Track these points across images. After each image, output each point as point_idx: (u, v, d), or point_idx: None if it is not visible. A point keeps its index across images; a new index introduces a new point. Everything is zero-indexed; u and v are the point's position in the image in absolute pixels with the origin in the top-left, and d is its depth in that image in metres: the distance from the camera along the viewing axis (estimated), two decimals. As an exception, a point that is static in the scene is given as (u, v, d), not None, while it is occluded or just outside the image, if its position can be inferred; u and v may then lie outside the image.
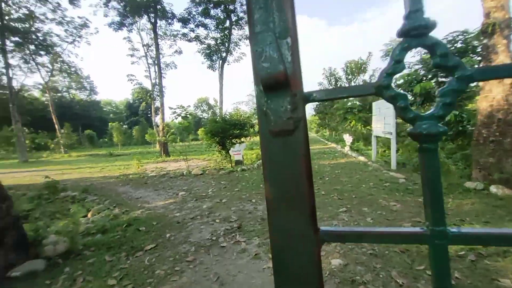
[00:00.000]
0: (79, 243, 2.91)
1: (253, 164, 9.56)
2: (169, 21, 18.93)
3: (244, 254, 2.64)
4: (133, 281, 2.20)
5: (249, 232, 3.09)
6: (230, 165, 9.79)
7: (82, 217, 4.75)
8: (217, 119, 11.15)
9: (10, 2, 20.66)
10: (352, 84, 21.68)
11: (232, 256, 2.62)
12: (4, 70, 20.88)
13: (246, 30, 20.95)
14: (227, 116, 11.13)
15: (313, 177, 0.40)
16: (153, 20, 17.21)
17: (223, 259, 2.56)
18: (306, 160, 0.40)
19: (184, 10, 19.12)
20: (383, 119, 7.41)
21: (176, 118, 9.24)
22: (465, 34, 10.63)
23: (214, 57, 20.55)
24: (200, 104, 60.12)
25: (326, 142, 21.44)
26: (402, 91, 0.36)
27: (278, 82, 0.38)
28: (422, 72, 11.25)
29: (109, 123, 34.11)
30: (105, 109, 59.50)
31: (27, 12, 21.89)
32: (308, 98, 0.40)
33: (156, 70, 18.07)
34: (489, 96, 4.13)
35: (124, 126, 50.69)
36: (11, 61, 24.05)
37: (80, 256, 2.69)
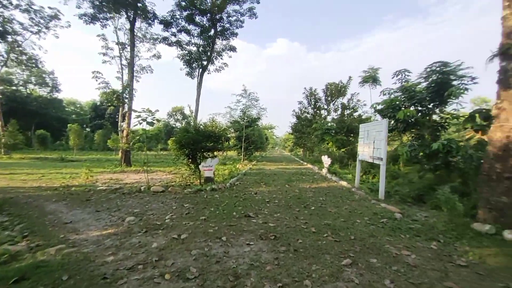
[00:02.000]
0: None
1: (225, 182, 8.38)
2: (150, 21, 17.65)
3: None
4: None
5: (214, 306, 1.94)
6: (198, 181, 8.51)
7: (-32, 252, 3.22)
8: (189, 129, 9.91)
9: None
10: (331, 105, 21.82)
11: None
12: None
13: (231, 41, 20.41)
14: (201, 126, 9.96)
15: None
16: (131, 18, 15.82)
17: None
18: None
19: (167, 13, 18.06)
20: (372, 143, 6.82)
21: (141, 123, 7.84)
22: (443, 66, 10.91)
23: (194, 65, 19.44)
24: (174, 113, 57.65)
25: (301, 162, 20.96)
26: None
27: None
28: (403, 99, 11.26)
29: (69, 125, 30.63)
30: (67, 108, 54.35)
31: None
32: None
33: (129, 72, 16.38)
34: (506, 126, 3.61)
35: (87, 129, 46.44)
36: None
37: None
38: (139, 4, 15.49)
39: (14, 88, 39.93)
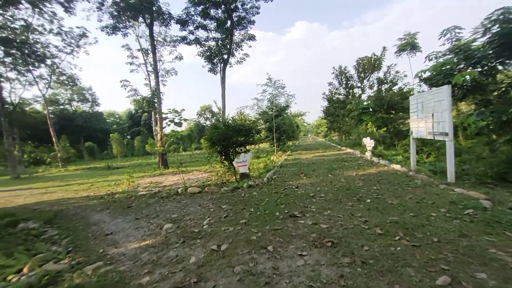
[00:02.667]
0: None
1: (261, 177, 7.90)
2: (166, 23, 17.72)
3: None
4: None
5: None
6: (234, 178, 8.18)
7: (16, 272, 3.22)
8: (218, 125, 9.61)
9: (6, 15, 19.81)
10: (365, 82, 19.97)
11: None
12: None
13: (249, 30, 19.68)
14: (230, 121, 9.58)
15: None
16: (148, 22, 15.99)
17: None
18: None
19: (182, 11, 17.95)
20: (431, 116, 5.70)
21: (169, 125, 7.72)
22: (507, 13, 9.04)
23: (215, 60, 19.18)
24: (203, 112, 59.01)
25: (339, 147, 19.66)
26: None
27: None
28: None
29: (111, 134, 33.02)
30: (108, 120, 58.88)
31: (24, 24, 21.09)
32: None
33: (155, 77, 16.68)
34: None
35: (127, 137, 49.92)
36: (9, 74, 23.56)
37: None
38: (154, 8, 15.52)
39: (61, 107, 44.20)
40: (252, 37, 19.37)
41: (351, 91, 21.37)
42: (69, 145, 24.74)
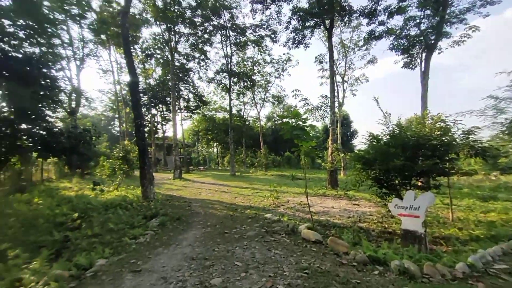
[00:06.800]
0: None
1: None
2: (349, 18, 15.41)
3: None
4: None
5: None
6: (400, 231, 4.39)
7: None
8: (381, 136, 5.88)
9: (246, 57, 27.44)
10: None
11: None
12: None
13: None
14: (404, 130, 5.49)
15: None
16: (328, 24, 14.44)
17: None
18: None
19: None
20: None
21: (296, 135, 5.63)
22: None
23: (413, 50, 13.77)
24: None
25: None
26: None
27: None
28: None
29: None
30: (311, 133, 65.38)
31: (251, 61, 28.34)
32: None
33: (330, 83, 14.92)
34: None
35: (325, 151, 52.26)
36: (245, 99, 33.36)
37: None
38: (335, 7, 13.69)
39: (274, 122, 55.23)
40: None
41: None
42: (268, 153, 29.59)
